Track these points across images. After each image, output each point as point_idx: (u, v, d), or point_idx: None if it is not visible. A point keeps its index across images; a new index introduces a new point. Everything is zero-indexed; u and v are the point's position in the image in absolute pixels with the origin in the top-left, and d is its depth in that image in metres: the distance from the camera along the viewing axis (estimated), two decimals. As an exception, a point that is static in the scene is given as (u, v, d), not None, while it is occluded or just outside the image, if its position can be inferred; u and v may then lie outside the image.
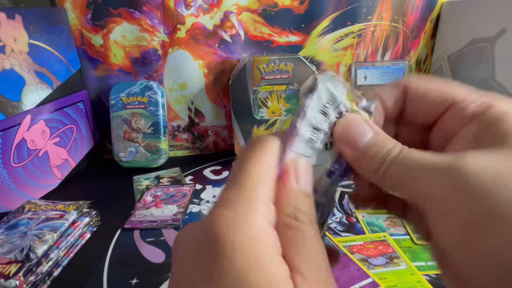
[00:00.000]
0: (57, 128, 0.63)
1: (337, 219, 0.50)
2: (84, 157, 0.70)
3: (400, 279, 0.38)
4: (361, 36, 0.72)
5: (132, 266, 0.42)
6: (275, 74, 0.62)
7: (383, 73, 0.74)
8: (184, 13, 0.66)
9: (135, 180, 0.65)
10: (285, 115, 0.65)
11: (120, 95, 0.69)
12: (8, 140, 0.53)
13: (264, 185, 0.15)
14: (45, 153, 0.60)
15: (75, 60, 0.68)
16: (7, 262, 0.37)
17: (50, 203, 0.50)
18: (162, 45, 0.68)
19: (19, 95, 0.55)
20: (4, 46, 0.52)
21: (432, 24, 0.74)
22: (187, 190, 0.60)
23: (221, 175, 0.66)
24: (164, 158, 0.71)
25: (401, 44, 0.74)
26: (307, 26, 0.70)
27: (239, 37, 0.70)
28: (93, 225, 0.50)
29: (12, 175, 0.53)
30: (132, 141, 0.70)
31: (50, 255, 0.41)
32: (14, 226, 0.44)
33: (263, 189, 0.15)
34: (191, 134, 0.76)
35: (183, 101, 0.73)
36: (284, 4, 0.68)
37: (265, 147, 0.16)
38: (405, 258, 0.41)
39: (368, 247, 0.43)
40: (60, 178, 0.64)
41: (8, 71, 0.53)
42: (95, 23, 0.66)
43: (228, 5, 0.67)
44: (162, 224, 0.50)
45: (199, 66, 0.70)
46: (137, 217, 0.52)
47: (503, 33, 0.58)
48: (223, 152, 0.77)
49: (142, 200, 0.57)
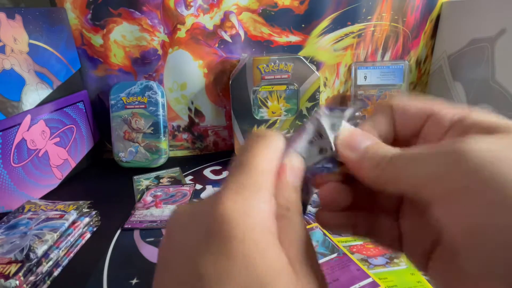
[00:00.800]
0: (57, 128, 0.63)
1: (337, 219, 0.50)
2: (84, 157, 0.70)
3: (400, 279, 0.38)
4: (361, 36, 0.72)
5: (132, 266, 0.42)
6: (275, 74, 0.62)
7: (383, 73, 0.74)
8: (184, 13, 0.66)
9: (135, 180, 0.65)
10: (285, 115, 0.65)
11: (120, 95, 0.69)
12: (8, 140, 0.53)
13: (269, 177, 0.16)
14: (45, 153, 0.60)
15: (75, 60, 0.68)
16: (7, 262, 0.37)
17: (50, 203, 0.50)
18: (162, 45, 0.68)
19: (19, 95, 0.55)
20: (4, 46, 0.52)
21: (432, 24, 0.74)
22: (187, 190, 0.60)
23: (221, 175, 0.66)
24: (164, 158, 0.71)
25: (401, 44, 0.74)
26: (307, 26, 0.70)
27: (239, 37, 0.70)
28: (93, 225, 0.50)
29: (12, 175, 0.53)
30: (132, 141, 0.70)
31: (50, 255, 0.41)
32: (14, 226, 0.44)
33: (268, 181, 0.16)
34: (191, 134, 0.76)
35: (183, 101, 0.73)
36: (284, 4, 0.68)
37: (272, 142, 0.17)
38: (405, 258, 0.41)
39: (368, 247, 0.43)
40: (60, 178, 0.64)
41: (8, 71, 0.53)
42: (95, 23, 0.66)
43: (228, 5, 0.67)
44: (162, 224, 0.50)
45: (199, 66, 0.70)
46: (137, 217, 0.52)
47: (503, 33, 0.58)
48: (223, 152, 0.77)
49: (142, 200, 0.57)
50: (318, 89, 0.63)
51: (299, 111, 0.64)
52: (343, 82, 0.76)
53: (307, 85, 0.63)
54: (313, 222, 0.49)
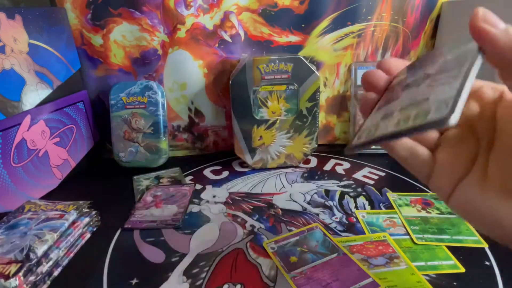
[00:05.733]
0: (57, 128, 0.63)
1: (337, 219, 0.50)
2: (84, 157, 0.70)
3: (400, 279, 0.38)
4: (361, 36, 0.72)
5: (132, 266, 0.43)
6: (275, 74, 0.62)
7: (383, 73, 0.74)
8: (184, 13, 0.66)
9: (135, 180, 0.65)
10: (285, 115, 0.65)
11: (120, 95, 0.69)
12: (8, 140, 0.53)
13: None
14: (45, 153, 0.60)
15: (75, 60, 0.68)
16: (7, 262, 0.37)
17: (50, 203, 0.50)
18: (162, 45, 0.68)
19: (19, 95, 0.55)
20: (4, 46, 0.52)
21: (432, 24, 0.74)
22: (187, 190, 0.60)
23: (221, 175, 0.66)
24: (164, 158, 0.71)
25: (401, 44, 0.74)
26: (307, 26, 0.70)
27: (239, 37, 0.70)
28: (93, 225, 0.50)
29: (12, 175, 0.53)
30: (132, 141, 0.70)
31: (50, 255, 0.41)
32: (14, 226, 0.44)
33: None
34: (191, 134, 0.76)
35: (183, 101, 0.73)
36: (284, 4, 0.68)
37: None
38: (405, 258, 0.41)
39: (368, 247, 0.43)
40: (60, 178, 0.64)
41: (8, 71, 0.53)
42: (95, 23, 0.66)
43: (228, 5, 0.67)
44: (162, 224, 0.50)
45: (199, 66, 0.70)
46: (137, 217, 0.52)
47: (503, 33, 0.58)
48: (223, 152, 0.77)
49: (142, 200, 0.57)
50: (318, 89, 0.63)
51: (299, 111, 0.64)
52: (343, 82, 0.76)
53: (307, 85, 0.63)
54: (313, 222, 0.50)
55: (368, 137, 0.22)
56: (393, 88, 0.26)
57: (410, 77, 0.24)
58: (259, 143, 0.66)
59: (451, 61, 0.21)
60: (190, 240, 0.47)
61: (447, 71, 0.20)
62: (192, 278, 0.40)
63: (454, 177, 0.23)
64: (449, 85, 0.18)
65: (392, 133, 0.20)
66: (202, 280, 0.39)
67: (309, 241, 0.45)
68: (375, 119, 0.24)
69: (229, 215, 0.52)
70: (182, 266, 0.42)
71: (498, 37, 0.19)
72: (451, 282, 0.37)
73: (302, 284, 0.38)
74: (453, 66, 0.20)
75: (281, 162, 0.68)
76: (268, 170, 0.68)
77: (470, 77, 0.18)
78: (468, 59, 0.19)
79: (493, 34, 0.19)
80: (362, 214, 0.51)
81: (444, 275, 0.39)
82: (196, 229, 0.49)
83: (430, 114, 0.17)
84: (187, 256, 0.44)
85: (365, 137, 0.22)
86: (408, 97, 0.22)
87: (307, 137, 0.66)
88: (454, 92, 0.17)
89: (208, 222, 0.51)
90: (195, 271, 0.41)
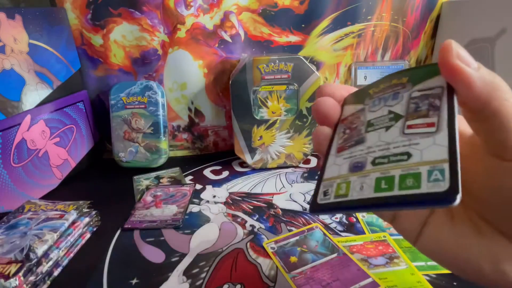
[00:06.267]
0: (57, 128, 0.63)
1: (337, 219, 0.50)
2: (84, 157, 0.70)
3: (400, 279, 0.38)
4: (361, 36, 0.72)
5: (132, 266, 0.43)
6: (275, 74, 0.62)
7: (383, 73, 0.74)
8: (184, 13, 0.66)
9: (135, 180, 0.65)
10: (285, 115, 0.65)
11: (120, 95, 0.69)
12: (8, 140, 0.53)
13: None
14: (45, 153, 0.60)
15: (75, 60, 0.68)
16: (7, 262, 0.37)
17: (50, 203, 0.50)
18: (162, 45, 0.68)
19: (19, 95, 0.55)
20: (4, 46, 0.52)
21: (432, 24, 0.74)
22: (187, 190, 0.60)
23: (221, 175, 0.66)
24: (164, 158, 0.71)
25: (401, 44, 0.74)
26: (307, 26, 0.70)
27: (239, 37, 0.70)
28: (93, 225, 0.50)
29: (12, 175, 0.53)
30: (132, 141, 0.70)
31: (50, 255, 0.41)
32: (14, 226, 0.44)
33: None
34: (191, 134, 0.76)
35: (183, 101, 0.73)
36: (284, 4, 0.68)
37: None
38: (405, 258, 0.41)
39: (368, 247, 0.43)
40: (60, 178, 0.64)
41: (8, 71, 0.53)
42: (95, 23, 0.66)
43: (228, 5, 0.67)
44: (162, 224, 0.50)
45: (199, 66, 0.70)
46: (137, 217, 0.52)
47: (503, 33, 0.58)
48: (223, 152, 0.77)
49: (142, 200, 0.57)
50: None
51: (299, 111, 0.64)
52: (343, 82, 0.76)
53: (307, 85, 0.63)
54: (313, 222, 0.50)
55: (341, 198, 0.18)
56: (350, 122, 0.22)
57: (370, 110, 0.21)
58: (259, 143, 0.66)
59: (420, 99, 0.19)
60: (190, 240, 0.47)
61: (422, 115, 0.18)
62: (192, 278, 0.40)
63: (421, 215, 0.22)
64: (433, 138, 0.16)
65: (377, 200, 0.16)
66: (202, 280, 0.39)
67: (309, 241, 0.45)
68: (340, 168, 0.20)
69: (229, 215, 0.52)
70: (182, 266, 0.42)
71: (474, 78, 0.17)
72: (451, 282, 0.37)
73: (302, 284, 0.38)
74: (427, 107, 0.18)
75: (281, 162, 0.68)
76: (268, 170, 0.68)
77: (456, 131, 0.16)
78: (443, 101, 0.18)
79: (468, 74, 0.17)
80: (362, 214, 0.51)
81: (444, 275, 0.39)
82: (196, 229, 0.49)
83: (423, 183, 0.15)
84: (187, 256, 0.44)
85: (334, 197, 0.19)
86: (378, 143, 0.19)
87: (307, 137, 0.66)
88: (445, 154, 0.15)
89: (208, 222, 0.51)
90: (195, 271, 0.41)
